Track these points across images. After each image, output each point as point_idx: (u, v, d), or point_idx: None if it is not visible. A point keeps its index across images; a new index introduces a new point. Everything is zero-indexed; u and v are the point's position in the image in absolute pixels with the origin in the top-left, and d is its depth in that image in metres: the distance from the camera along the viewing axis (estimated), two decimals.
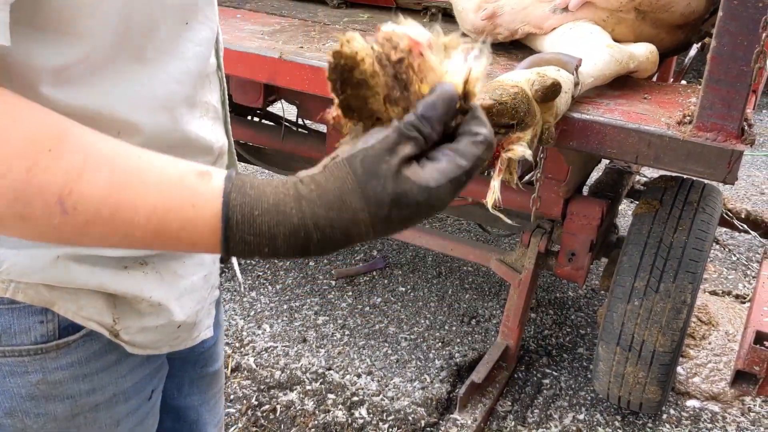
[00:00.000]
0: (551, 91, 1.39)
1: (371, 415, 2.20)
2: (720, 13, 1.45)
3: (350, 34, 0.56)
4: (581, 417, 2.27)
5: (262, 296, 2.78)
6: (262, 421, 2.16)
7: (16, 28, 0.56)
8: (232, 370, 2.36)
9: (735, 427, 2.25)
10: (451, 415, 2.18)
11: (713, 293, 2.93)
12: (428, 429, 2.15)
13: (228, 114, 0.92)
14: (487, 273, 2.99)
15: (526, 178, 2.48)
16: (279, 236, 0.55)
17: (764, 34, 1.41)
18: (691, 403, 2.34)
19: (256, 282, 2.87)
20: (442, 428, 2.15)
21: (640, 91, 1.85)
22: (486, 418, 2.19)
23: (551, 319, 2.75)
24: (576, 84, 1.60)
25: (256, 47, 1.97)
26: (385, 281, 2.92)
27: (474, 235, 3.34)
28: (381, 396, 2.28)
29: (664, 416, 2.28)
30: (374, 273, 2.97)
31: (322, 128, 2.47)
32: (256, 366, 2.38)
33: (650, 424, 2.25)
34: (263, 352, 2.45)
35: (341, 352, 2.48)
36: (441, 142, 0.57)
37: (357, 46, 0.56)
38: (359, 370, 2.39)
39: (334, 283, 2.88)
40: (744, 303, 2.84)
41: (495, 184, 1.04)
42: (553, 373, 2.46)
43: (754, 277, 3.08)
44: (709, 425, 2.26)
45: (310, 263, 3.01)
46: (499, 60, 2.08)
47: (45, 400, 0.77)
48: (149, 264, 0.78)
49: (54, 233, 0.56)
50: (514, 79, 1.38)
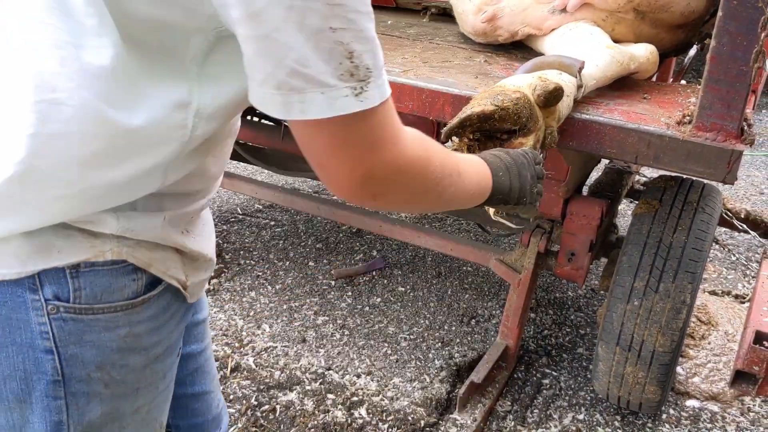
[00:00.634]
0: (554, 95, 1.38)
1: (371, 415, 2.20)
2: (719, 13, 1.45)
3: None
4: (581, 417, 2.27)
5: (261, 296, 2.78)
6: (262, 421, 2.16)
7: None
8: (232, 370, 2.35)
9: (734, 427, 2.26)
10: (451, 415, 2.19)
11: (713, 293, 2.93)
12: (428, 429, 2.15)
13: None
14: (486, 273, 2.99)
15: None
16: (503, 166, 1.13)
17: (763, 34, 1.41)
18: (691, 403, 2.34)
19: (256, 282, 2.87)
20: (442, 428, 2.15)
21: (639, 91, 1.85)
22: (485, 418, 2.19)
23: (551, 319, 2.75)
24: (579, 87, 1.60)
25: None
26: (385, 281, 2.92)
27: (473, 235, 3.34)
28: (380, 396, 2.28)
29: (664, 416, 2.28)
30: (374, 273, 2.97)
31: None
32: (256, 366, 2.38)
33: (650, 424, 2.25)
34: (263, 352, 2.45)
35: (341, 352, 2.48)
36: None
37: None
38: (359, 370, 2.39)
39: (333, 283, 2.88)
40: (743, 303, 2.84)
41: None
42: (553, 373, 2.46)
43: (753, 277, 3.08)
44: (709, 425, 2.26)
45: (310, 263, 3.01)
46: (499, 60, 2.08)
47: (128, 352, 0.89)
48: (191, 232, 0.95)
49: (457, 193, 0.97)
50: (516, 84, 1.38)
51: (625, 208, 3.54)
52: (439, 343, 2.55)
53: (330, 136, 0.75)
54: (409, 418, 2.18)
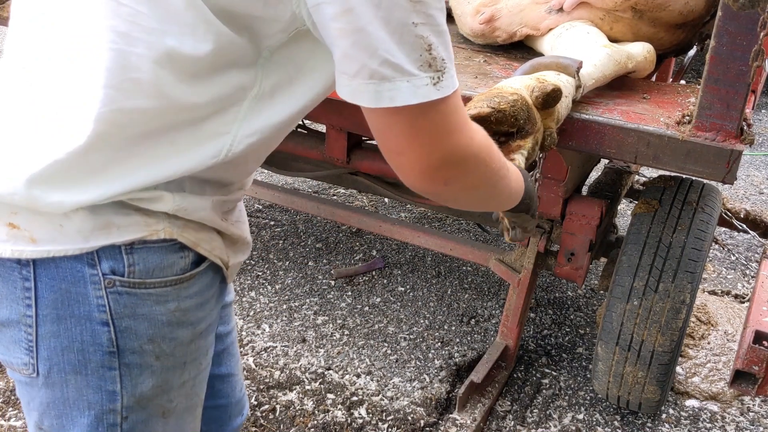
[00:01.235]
0: (552, 97, 1.37)
1: (370, 415, 2.20)
2: (719, 13, 1.45)
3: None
4: (580, 417, 2.27)
5: (261, 296, 2.78)
6: (262, 421, 2.16)
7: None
8: None
9: (734, 427, 2.26)
10: (451, 415, 2.19)
11: (712, 293, 2.93)
12: (427, 429, 2.15)
13: None
14: (486, 273, 2.99)
15: None
16: (528, 188, 1.15)
17: (762, 34, 1.41)
18: (691, 402, 2.34)
19: (256, 282, 2.87)
20: (442, 428, 2.15)
21: (639, 91, 1.85)
22: (485, 418, 2.19)
23: (550, 319, 2.75)
24: (578, 87, 1.59)
25: None
26: (385, 281, 2.92)
27: (473, 235, 3.34)
28: (380, 396, 2.28)
29: (664, 416, 2.28)
30: (373, 273, 2.97)
31: (322, 128, 2.47)
32: (256, 366, 2.38)
33: (649, 424, 2.25)
34: (262, 352, 2.45)
35: (341, 351, 2.48)
36: None
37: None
38: (359, 370, 2.39)
39: (333, 282, 2.88)
40: (743, 303, 2.84)
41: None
42: (553, 372, 2.46)
43: (753, 277, 3.08)
44: (708, 425, 2.26)
45: (310, 263, 3.01)
46: (498, 60, 2.08)
47: (176, 326, 0.94)
48: (228, 219, 1.02)
49: (503, 187, 1.02)
50: (514, 86, 1.36)
51: (625, 208, 3.54)
52: (439, 343, 2.55)
53: (409, 124, 0.81)
54: (409, 417, 2.18)
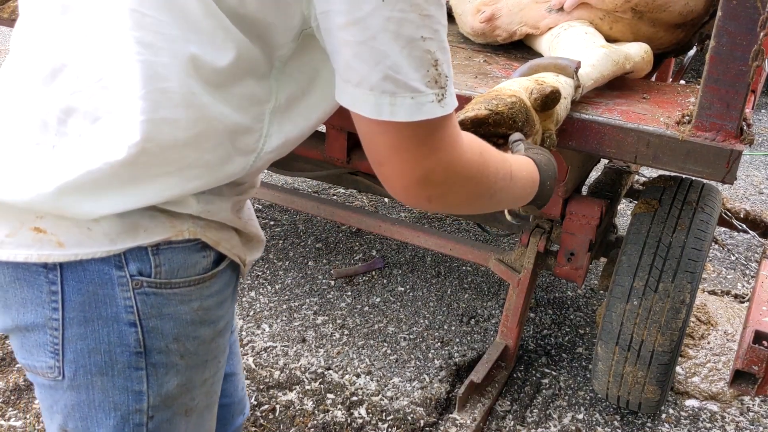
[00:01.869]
0: (551, 99, 1.36)
1: (370, 415, 2.20)
2: (719, 13, 1.45)
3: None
4: (580, 417, 2.27)
5: (261, 296, 2.78)
6: (261, 420, 2.16)
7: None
8: None
9: (734, 427, 2.26)
10: (450, 415, 2.19)
11: (712, 293, 2.93)
12: (427, 429, 2.15)
13: None
14: (486, 273, 2.99)
15: None
16: (546, 164, 1.17)
17: (762, 33, 1.41)
18: (690, 402, 2.34)
19: (255, 282, 2.87)
20: (441, 428, 2.15)
21: (638, 91, 1.85)
22: (485, 418, 2.19)
23: (550, 319, 2.75)
24: (577, 87, 1.59)
25: None
26: (384, 281, 2.92)
27: (473, 235, 3.34)
28: (380, 396, 2.28)
29: (663, 416, 2.28)
30: (373, 273, 2.97)
31: (322, 128, 2.47)
32: (255, 366, 2.38)
33: (649, 424, 2.25)
34: (262, 352, 2.45)
35: (340, 351, 2.48)
36: None
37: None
38: (358, 370, 2.39)
39: (333, 282, 2.88)
40: (743, 302, 2.84)
41: None
42: (552, 372, 2.46)
43: (752, 277, 3.08)
44: (708, 425, 2.26)
45: (309, 263, 3.01)
46: (499, 60, 2.08)
47: (199, 325, 0.96)
48: (242, 217, 1.03)
49: (508, 196, 1.03)
50: (512, 88, 1.36)
51: (625, 208, 3.54)
52: (439, 343, 2.55)
53: (397, 137, 0.81)
54: (409, 417, 2.18)
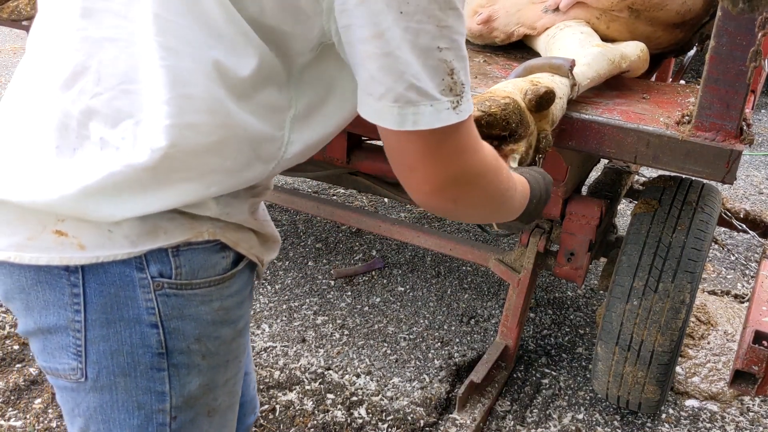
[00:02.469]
0: (545, 99, 1.36)
1: (370, 415, 2.20)
2: (719, 13, 1.45)
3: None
4: (580, 417, 2.27)
5: (261, 296, 2.78)
6: (261, 421, 2.16)
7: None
8: None
9: (734, 427, 2.26)
10: (450, 415, 2.19)
11: (712, 293, 2.93)
12: (427, 429, 2.15)
13: None
14: (486, 273, 2.99)
15: None
16: (540, 193, 1.17)
17: (760, 34, 1.42)
18: (690, 402, 2.34)
19: (255, 282, 2.87)
20: (441, 428, 2.15)
21: (638, 91, 1.85)
22: (485, 418, 2.19)
23: (550, 319, 2.75)
24: (573, 86, 1.59)
25: None
26: (384, 281, 2.92)
27: (473, 235, 3.34)
28: (380, 396, 2.28)
29: (663, 416, 2.28)
30: (373, 273, 2.97)
31: None
32: (255, 366, 2.38)
33: (649, 424, 2.25)
34: (262, 352, 2.45)
35: (340, 351, 2.48)
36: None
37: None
38: (358, 370, 2.39)
39: (333, 282, 2.88)
40: (743, 302, 2.84)
41: None
42: (552, 372, 2.46)
43: (752, 277, 3.08)
44: (708, 425, 2.26)
45: (309, 263, 3.01)
46: (498, 60, 2.08)
47: (220, 325, 0.96)
48: (258, 219, 1.04)
49: (512, 204, 1.05)
50: (506, 90, 1.35)
51: (625, 208, 3.54)
52: (439, 343, 2.55)
53: (425, 144, 0.83)
54: (409, 417, 2.18)
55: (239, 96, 0.84)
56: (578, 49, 1.75)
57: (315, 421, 2.15)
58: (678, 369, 2.42)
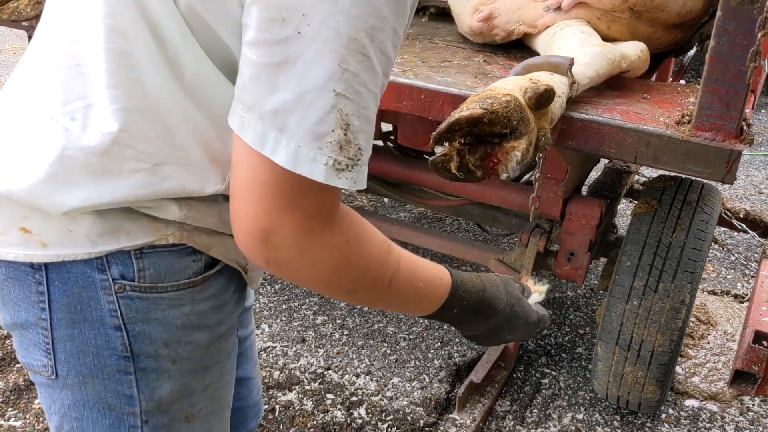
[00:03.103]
0: (545, 97, 1.35)
1: (370, 415, 2.20)
2: (719, 13, 1.45)
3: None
4: (580, 417, 2.27)
5: (261, 296, 2.78)
6: (261, 421, 2.15)
7: None
8: None
9: (734, 427, 2.26)
10: (450, 415, 2.19)
11: (712, 293, 2.93)
12: (427, 429, 2.15)
13: None
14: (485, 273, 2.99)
15: (525, 177, 2.48)
16: (472, 293, 1.00)
17: (760, 34, 1.41)
18: (690, 402, 2.34)
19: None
20: (441, 428, 2.15)
21: (638, 91, 1.85)
22: (485, 418, 2.19)
23: (550, 319, 2.75)
24: (572, 84, 1.59)
25: None
26: None
27: (473, 235, 3.34)
28: (380, 396, 2.28)
29: (663, 416, 2.28)
30: None
31: None
32: None
33: (649, 424, 2.25)
34: (262, 352, 2.45)
35: (340, 351, 2.48)
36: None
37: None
38: (358, 370, 2.39)
39: None
40: (743, 302, 2.84)
41: None
42: (552, 372, 2.46)
43: (752, 277, 3.08)
44: (708, 425, 2.26)
45: None
46: (498, 60, 2.08)
47: (192, 330, 0.93)
48: None
49: (375, 299, 0.91)
50: (506, 87, 1.35)
51: (625, 208, 3.54)
52: (439, 343, 2.55)
53: (261, 174, 0.73)
54: (409, 417, 2.18)
55: (188, 89, 0.81)
56: (578, 49, 1.75)
57: (315, 421, 2.15)
58: (678, 369, 2.42)
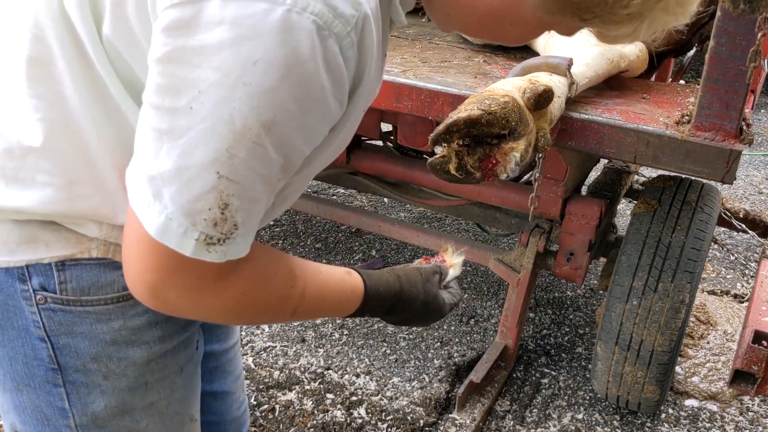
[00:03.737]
0: (544, 98, 1.35)
1: (370, 415, 2.20)
2: (718, 13, 1.45)
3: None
4: (580, 416, 2.27)
5: None
6: (261, 421, 2.16)
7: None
8: None
9: (733, 427, 2.26)
10: (450, 415, 2.19)
11: (712, 293, 2.93)
12: (427, 429, 2.15)
13: None
14: (485, 273, 2.99)
15: (525, 177, 2.48)
16: (387, 299, 1.01)
17: (760, 34, 1.41)
18: (690, 402, 2.34)
19: None
20: (441, 428, 2.15)
21: (638, 91, 1.85)
22: (484, 418, 2.19)
23: (550, 319, 2.75)
24: (571, 84, 1.59)
25: None
26: None
27: (473, 235, 3.34)
28: (380, 396, 2.28)
29: (663, 416, 2.28)
30: None
31: None
32: (255, 366, 2.38)
33: (649, 424, 2.25)
34: (262, 352, 2.45)
35: (340, 351, 2.48)
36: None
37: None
38: (358, 370, 2.39)
39: None
40: (742, 302, 2.84)
41: None
42: (552, 372, 2.46)
43: (752, 277, 3.08)
44: (708, 425, 2.26)
45: None
46: (498, 60, 2.08)
47: (125, 345, 0.90)
48: None
49: (280, 321, 0.93)
50: (505, 88, 1.35)
51: (624, 208, 3.54)
52: (438, 343, 2.55)
53: (144, 234, 0.71)
54: (408, 417, 2.18)
55: (109, 116, 0.79)
56: (577, 49, 1.75)
57: (315, 421, 2.15)
58: (678, 369, 2.42)
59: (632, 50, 1.87)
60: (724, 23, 1.45)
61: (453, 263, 1.19)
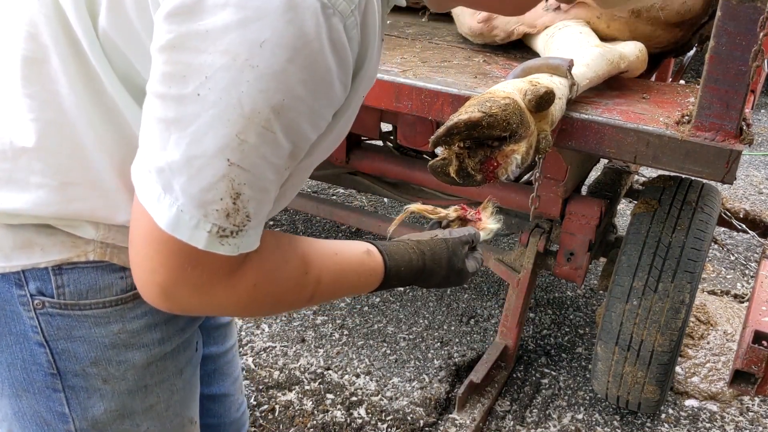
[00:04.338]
0: (545, 100, 1.34)
1: (370, 415, 2.20)
2: (718, 13, 1.45)
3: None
4: (580, 417, 2.27)
5: None
6: (261, 421, 2.15)
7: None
8: None
9: (733, 427, 2.26)
10: (450, 415, 2.18)
11: (712, 293, 2.93)
12: (427, 429, 2.15)
13: None
14: (485, 273, 2.99)
15: (525, 177, 2.48)
16: (408, 278, 1.00)
17: (761, 33, 1.41)
18: (690, 402, 2.34)
19: None
20: (441, 428, 2.15)
21: (638, 91, 1.85)
22: (484, 418, 2.19)
23: (550, 319, 2.75)
24: (572, 85, 1.59)
25: None
26: None
27: None
28: (380, 396, 2.28)
29: (663, 416, 2.28)
30: None
31: None
32: (255, 366, 2.38)
33: (649, 424, 2.25)
34: (262, 352, 2.45)
35: (340, 352, 2.48)
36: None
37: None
38: (358, 370, 2.39)
39: None
40: (742, 302, 2.84)
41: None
42: (552, 372, 2.46)
43: (752, 277, 3.08)
44: (708, 425, 2.26)
45: None
46: (498, 60, 2.08)
47: (125, 349, 0.89)
48: None
49: (297, 308, 0.95)
50: (506, 90, 1.34)
51: (624, 208, 3.54)
52: (438, 343, 2.55)
53: (154, 230, 0.69)
54: (408, 417, 2.18)
55: (107, 114, 0.78)
56: (577, 49, 1.75)
57: (314, 421, 2.15)
58: (678, 369, 2.42)
59: (632, 50, 1.87)
60: (724, 23, 1.45)
61: (486, 227, 1.14)
